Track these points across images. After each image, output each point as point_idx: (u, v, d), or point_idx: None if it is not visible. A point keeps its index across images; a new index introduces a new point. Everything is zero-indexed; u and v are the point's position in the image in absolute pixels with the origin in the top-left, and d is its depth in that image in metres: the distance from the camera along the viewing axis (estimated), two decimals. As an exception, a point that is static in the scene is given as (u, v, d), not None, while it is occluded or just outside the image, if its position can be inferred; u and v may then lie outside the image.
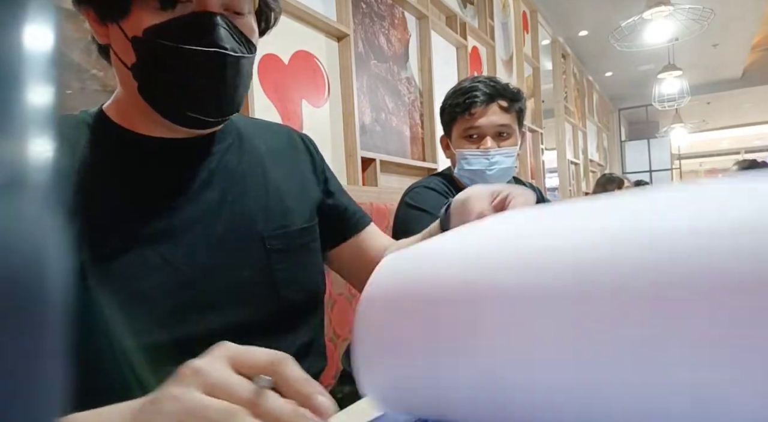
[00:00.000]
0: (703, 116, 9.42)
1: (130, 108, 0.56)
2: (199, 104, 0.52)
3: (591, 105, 6.85)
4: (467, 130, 1.12)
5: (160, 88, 0.52)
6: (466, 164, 1.12)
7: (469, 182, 1.14)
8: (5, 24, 0.11)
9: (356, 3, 2.02)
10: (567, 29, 5.34)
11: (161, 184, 0.55)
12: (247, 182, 0.61)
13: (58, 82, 0.12)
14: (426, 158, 2.47)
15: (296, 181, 0.68)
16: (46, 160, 0.12)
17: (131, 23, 0.50)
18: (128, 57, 0.51)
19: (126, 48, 0.51)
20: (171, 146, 0.57)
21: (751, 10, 5.18)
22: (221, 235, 0.57)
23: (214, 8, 0.51)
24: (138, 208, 0.53)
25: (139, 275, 0.50)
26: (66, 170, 0.48)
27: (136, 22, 0.49)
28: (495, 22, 3.42)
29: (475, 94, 1.10)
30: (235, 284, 0.56)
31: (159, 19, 0.49)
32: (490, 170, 1.10)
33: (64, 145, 0.52)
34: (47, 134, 0.12)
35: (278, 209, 0.62)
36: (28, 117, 0.12)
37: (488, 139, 1.10)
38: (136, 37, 0.50)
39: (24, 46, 0.12)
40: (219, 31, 0.50)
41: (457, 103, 1.12)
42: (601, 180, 3.41)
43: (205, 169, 0.58)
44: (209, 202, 0.57)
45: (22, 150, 0.11)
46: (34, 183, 0.11)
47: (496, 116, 1.10)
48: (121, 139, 0.55)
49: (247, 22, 0.55)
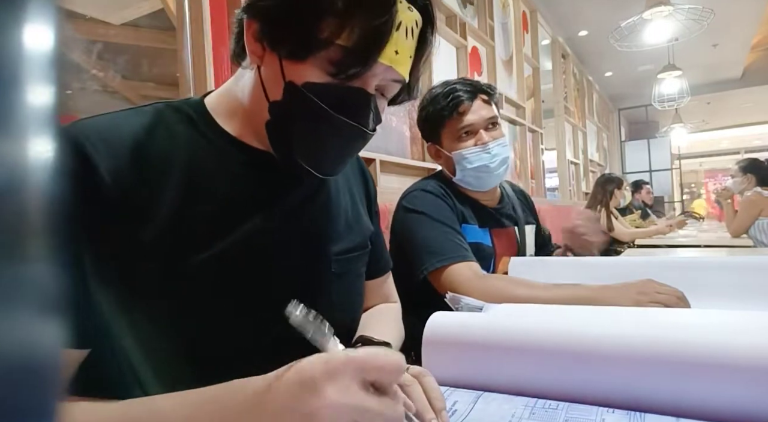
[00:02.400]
0: (703, 116, 9.42)
1: (243, 120, 0.56)
2: (315, 160, 0.55)
3: (591, 105, 6.84)
4: (460, 129, 1.12)
5: (289, 134, 0.53)
6: (468, 163, 1.12)
7: (474, 181, 1.14)
8: (5, 24, 0.12)
9: (356, 3, 2.02)
10: (567, 29, 5.34)
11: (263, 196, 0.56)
12: (325, 202, 0.63)
13: (58, 83, 0.12)
14: (426, 158, 2.47)
15: (358, 206, 0.70)
16: (47, 160, 0.12)
17: (295, 69, 0.50)
18: (275, 93, 0.52)
19: (277, 84, 0.51)
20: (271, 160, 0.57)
21: (751, 10, 5.18)
22: (297, 249, 0.58)
23: (371, 89, 0.53)
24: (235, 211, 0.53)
25: (218, 276, 0.51)
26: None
27: (300, 71, 0.50)
28: (495, 22, 3.42)
29: (457, 94, 1.12)
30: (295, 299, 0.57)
31: (322, 79, 0.50)
32: (492, 162, 1.11)
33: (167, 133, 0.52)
34: (47, 133, 0.12)
35: (345, 232, 0.65)
36: (29, 117, 0.12)
37: (482, 133, 1.12)
38: (292, 83, 0.50)
39: (24, 46, 0.12)
40: (368, 111, 0.54)
41: (442, 106, 1.13)
42: (601, 180, 3.41)
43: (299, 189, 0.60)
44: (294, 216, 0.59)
45: (22, 150, 0.11)
46: (34, 183, 0.11)
47: (483, 109, 1.12)
48: (229, 141, 0.56)
49: (384, 104, 0.59)
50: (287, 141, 0.54)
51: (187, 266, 0.49)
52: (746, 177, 2.98)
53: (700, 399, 0.44)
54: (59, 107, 0.12)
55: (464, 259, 1.00)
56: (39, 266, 0.12)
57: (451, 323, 0.59)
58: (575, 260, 1.08)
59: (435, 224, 1.05)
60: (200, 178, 0.52)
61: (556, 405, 0.48)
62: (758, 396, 0.42)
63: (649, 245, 3.18)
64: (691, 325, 0.57)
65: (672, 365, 0.45)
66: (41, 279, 0.12)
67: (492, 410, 0.48)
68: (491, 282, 0.95)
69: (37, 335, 0.12)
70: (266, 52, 0.52)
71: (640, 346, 0.47)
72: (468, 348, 0.55)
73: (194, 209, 0.50)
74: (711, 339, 0.46)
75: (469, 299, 0.72)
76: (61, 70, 0.12)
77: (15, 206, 0.11)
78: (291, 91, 0.51)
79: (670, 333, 0.48)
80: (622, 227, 3.36)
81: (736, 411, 0.43)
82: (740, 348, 0.44)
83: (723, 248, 2.67)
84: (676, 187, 9.65)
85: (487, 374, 0.54)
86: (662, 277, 0.82)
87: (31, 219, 0.11)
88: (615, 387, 0.48)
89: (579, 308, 0.72)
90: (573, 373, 0.50)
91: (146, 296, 0.47)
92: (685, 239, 3.20)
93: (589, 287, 0.85)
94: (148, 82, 1.25)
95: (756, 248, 2.66)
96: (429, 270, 1.00)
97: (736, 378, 0.43)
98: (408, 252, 1.06)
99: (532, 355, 0.52)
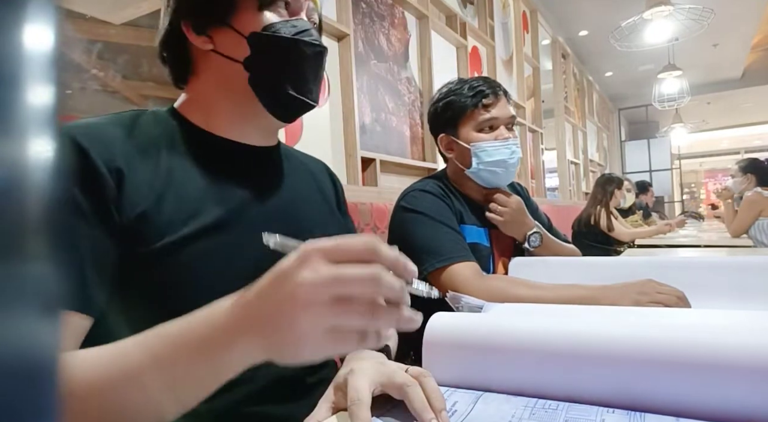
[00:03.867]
0: (703, 115, 9.41)
1: (213, 109, 0.64)
2: (300, 86, 0.63)
3: (591, 105, 6.84)
4: (483, 122, 1.12)
5: (271, 74, 0.62)
6: (487, 155, 1.11)
7: (489, 176, 1.13)
8: (5, 24, 0.11)
9: (356, 3, 2.02)
10: (567, 29, 5.34)
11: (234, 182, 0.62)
12: (301, 189, 0.71)
13: (58, 83, 0.12)
14: (426, 158, 2.47)
15: (330, 201, 0.78)
16: (47, 160, 0.12)
17: (242, 24, 0.60)
18: (240, 53, 0.60)
19: (239, 45, 0.60)
20: (245, 151, 0.65)
21: (751, 10, 5.18)
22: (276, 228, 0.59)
23: (305, 16, 0.64)
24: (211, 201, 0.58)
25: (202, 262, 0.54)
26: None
27: (248, 22, 0.60)
28: (495, 22, 3.42)
29: (482, 88, 1.13)
30: None
31: (271, 19, 0.60)
32: (511, 158, 1.12)
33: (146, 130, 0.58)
34: (47, 133, 0.12)
35: (321, 218, 0.72)
36: (29, 117, 0.12)
37: (503, 129, 1.13)
38: (255, 33, 0.60)
39: (24, 46, 0.12)
40: (314, 31, 0.64)
41: (467, 97, 1.13)
42: (601, 180, 3.41)
43: (274, 174, 0.68)
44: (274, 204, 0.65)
45: (22, 150, 0.11)
46: (33, 183, 0.11)
47: (507, 107, 1.14)
48: (200, 138, 0.62)
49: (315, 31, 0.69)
50: (273, 79, 0.62)
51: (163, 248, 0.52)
52: (746, 177, 2.98)
53: (700, 399, 0.44)
54: (59, 107, 0.12)
55: (464, 259, 1.00)
56: (38, 265, 0.12)
57: (451, 324, 0.59)
58: (575, 260, 1.08)
59: (434, 224, 1.04)
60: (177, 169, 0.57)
61: (556, 405, 0.48)
62: (758, 396, 0.42)
63: (649, 245, 3.18)
64: (691, 325, 0.57)
65: (672, 365, 0.45)
66: (41, 279, 0.12)
67: (492, 410, 0.48)
68: (491, 282, 0.95)
69: (37, 335, 0.12)
70: (214, 34, 0.61)
71: (640, 346, 0.47)
72: (468, 348, 0.55)
73: (172, 195, 0.55)
74: (711, 339, 0.46)
75: (470, 299, 0.72)
76: (61, 70, 0.12)
77: (15, 206, 0.11)
78: (256, 39, 0.60)
79: (671, 333, 0.48)
80: (621, 227, 3.36)
81: (736, 411, 0.43)
82: (740, 348, 0.44)
83: (723, 248, 2.67)
84: (676, 187, 9.65)
85: (487, 374, 0.54)
86: (662, 277, 0.82)
87: (31, 219, 0.11)
88: (615, 387, 0.47)
89: (579, 308, 0.72)
90: (573, 373, 0.50)
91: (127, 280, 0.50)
92: (685, 239, 3.20)
93: (589, 287, 0.85)
94: (148, 81, 1.25)
95: (756, 248, 2.66)
96: (429, 271, 0.99)
97: (737, 378, 0.43)
98: (407, 253, 1.06)
99: (532, 355, 0.52)
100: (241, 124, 0.64)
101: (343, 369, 0.52)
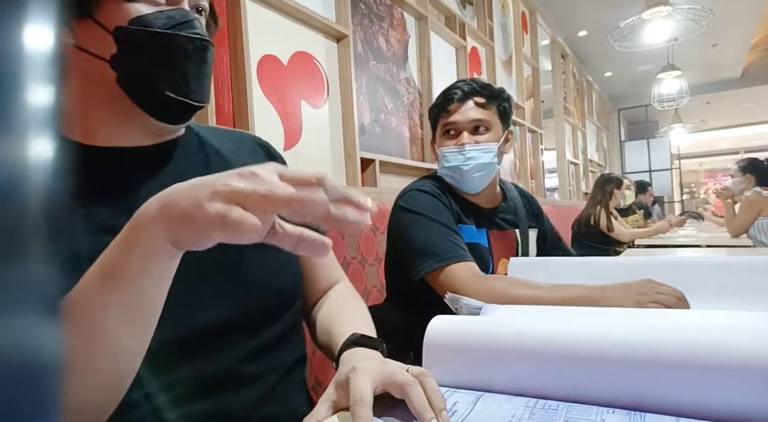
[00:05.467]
0: (702, 115, 9.42)
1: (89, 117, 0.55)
2: (180, 86, 0.55)
3: (590, 105, 6.85)
4: (445, 126, 1.15)
5: (142, 74, 0.53)
6: (445, 161, 1.14)
7: (451, 180, 1.16)
8: (5, 24, 0.12)
9: (355, 4, 2.02)
10: (566, 29, 5.34)
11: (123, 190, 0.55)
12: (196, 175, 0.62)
13: (58, 82, 0.12)
14: (425, 159, 2.47)
15: None
16: (46, 159, 0.12)
17: (107, 16, 0.51)
18: (106, 50, 0.52)
19: (104, 41, 0.52)
20: (132, 154, 0.57)
21: (751, 10, 5.18)
22: None
23: (186, 5, 0.56)
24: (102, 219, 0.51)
25: None
26: None
27: (113, 14, 0.51)
28: (494, 23, 3.42)
29: (453, 92, 1.14)
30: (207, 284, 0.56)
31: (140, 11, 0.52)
32: (465, 165, 1.10)
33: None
34: (47, 133, 0.12)
35: None
36: (28, 117, 0.12)
37: (464, 134, 1.12)
38: (120, 27, 0.51)
39: (24, 46, 0.12)
40: (197, 22, 0.55)
41: (437, 103, 1.17)
42: (600, 180, 3.42)
43: (168, 175, 0.58)
44: None
45: (21, 149, 0.11)
46: (33, 182, 0.11)
47: (472, 111, 1.12)
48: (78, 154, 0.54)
49: (204, 20, 0.60)
50: (144, 80, 0.54)
51: None
52: (746, 177, 2.98)
53: (700, 399, 0.44)
54: (59, 107, 0.12)
55: (462, 259, 0.99)
56: (38, 265, 0.12)
57: (451, 327, 0.59)
58: (575, 260, 1.08)
59: (432, 224, 1.04)
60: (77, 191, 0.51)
61: (556, 406, 0.48)
62: (758, 396, 0.42)
63: (649, 245, 3.18)
64: (691, 325, 0.57)
65: (672, 365, 0.45)
66: (40, 279, 0.12)
67: (492, 410, 0.48)
68: (491, 283, 0.94)
69: (37, 334, 0.12)
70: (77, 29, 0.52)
71: (640, 346, 0.47)
72: (468, 351, 0.56)
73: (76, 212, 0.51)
74: (711, 339, 0.46)
75: (468, 300, 0.72)
76: (60, 70, 0.12)
77: (15, 206, 0.11)
78: (121, 36, 0.51)
79: (670, 333, 0.48)
80: (621, 227, 3.36)
81: (736, 411, 0.43)
82: (740, 348, 0.44)
83: (723, 248, 2.67)
84: (675, 187, 9.65)
85: (488, 375, 0.54)
86: (662, 277, 0.82)
87: (31, 219, 0.11)
88: (615, 387, 0.48)
89: (579, 309, 0.72)
90: (573, 373, 0.50)
91: None
92: (685, 239, 3.20)
93: (589, 287, 0.85)
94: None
95: (756, 248, 2.66)
96: (427, 271, 0.99)
97: (736, 378, 0.43)
98: (405, 253, 1.06)
99: (532, 356, 0.52)
100: (123, 128, 0.56)
101: (344, 368, 0.52)
